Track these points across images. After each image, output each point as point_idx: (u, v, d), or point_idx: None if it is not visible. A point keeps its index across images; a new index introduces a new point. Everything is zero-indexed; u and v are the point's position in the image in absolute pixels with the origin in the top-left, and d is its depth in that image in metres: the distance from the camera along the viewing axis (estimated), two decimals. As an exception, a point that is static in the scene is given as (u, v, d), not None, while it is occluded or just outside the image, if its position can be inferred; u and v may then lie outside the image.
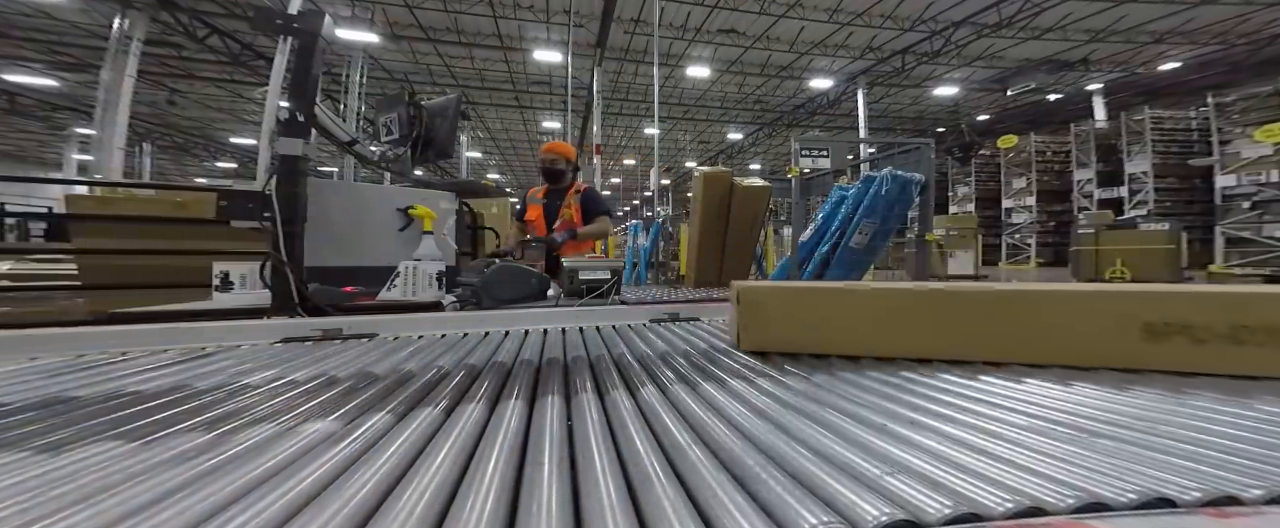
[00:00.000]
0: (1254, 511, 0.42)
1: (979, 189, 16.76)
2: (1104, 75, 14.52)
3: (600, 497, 0.45)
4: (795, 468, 0.51)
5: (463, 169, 18.57)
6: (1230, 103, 9.87)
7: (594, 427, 0.63)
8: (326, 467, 0.51)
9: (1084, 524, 0.38)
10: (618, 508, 0.43)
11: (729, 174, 4.14)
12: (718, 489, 0.46)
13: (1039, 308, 0.95)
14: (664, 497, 0.44)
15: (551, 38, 12.66)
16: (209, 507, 0.42)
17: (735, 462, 0.53)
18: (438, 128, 2.36)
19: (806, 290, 1.12)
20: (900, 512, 0.41)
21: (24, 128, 17.43)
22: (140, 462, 0.53)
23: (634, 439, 0.59)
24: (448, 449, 0.56)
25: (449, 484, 0.48)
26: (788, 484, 0.46)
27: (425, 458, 0.54)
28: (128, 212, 3.02)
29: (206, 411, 0.72)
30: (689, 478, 0.49)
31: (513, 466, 0.52)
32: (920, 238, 3.45)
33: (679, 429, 0.62)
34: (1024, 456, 0.53)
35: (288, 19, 1.76)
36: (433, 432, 0.63)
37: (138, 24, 8.95)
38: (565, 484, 0.48)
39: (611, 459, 0.54)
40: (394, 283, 1.85)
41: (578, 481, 0.49)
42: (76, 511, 0.41)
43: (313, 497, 0.45)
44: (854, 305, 1.04)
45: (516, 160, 26.19)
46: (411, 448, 0.57)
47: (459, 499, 0.45)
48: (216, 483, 0.47)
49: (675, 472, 0.51)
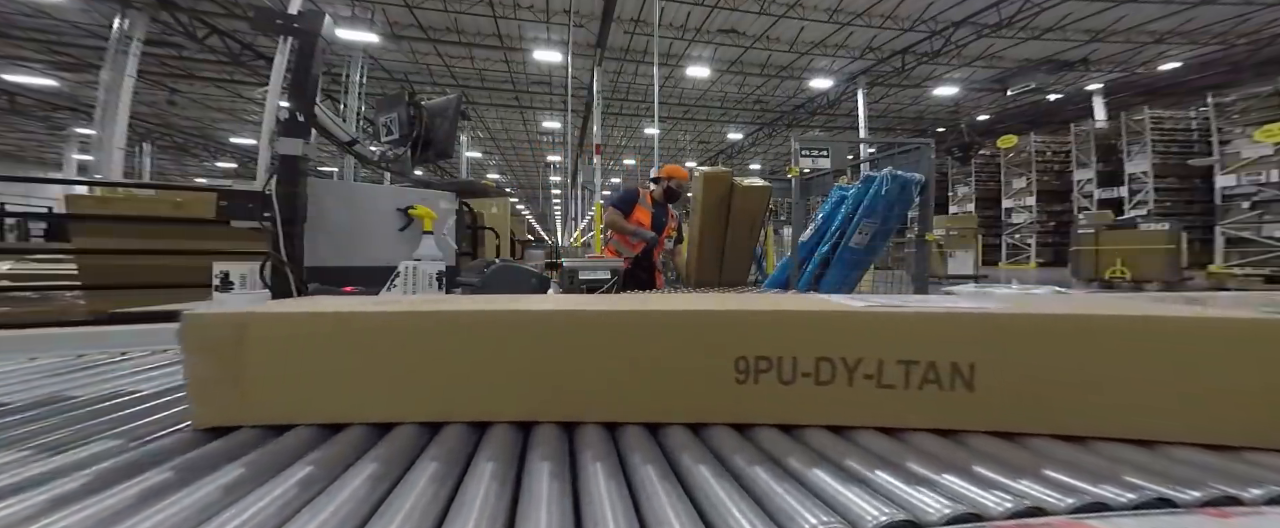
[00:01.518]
0: (1254, 511, 0.42)
1: (979, 189, 16.76)
2: (1104, 75, 14.52)
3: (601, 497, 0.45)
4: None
5: (463, 169, 18.56)
6: (1230, 103, 9.87)
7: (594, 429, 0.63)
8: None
9: (1084, 524, 0.38)
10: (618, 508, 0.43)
11: (729, 174, 4.13)
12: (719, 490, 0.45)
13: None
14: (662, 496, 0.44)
15: (551, 38, 12.66)
16: (209, 506, 0.42)
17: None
18: (438, 128, 2.36)
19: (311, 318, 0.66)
20: (901, 513, 0.41)
21: (24, 128, 17.42)
22: (140, 462, 0.52)
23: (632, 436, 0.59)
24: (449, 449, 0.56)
25: (448, 484, 0.48)
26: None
27: (425, 458, 0.54)
28: (128, 212, 3.01)
29: (206, 410, 0.71)
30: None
31: (514, 464, 0.52)
32: (920, 238, 3.45)
33: (677, 429, 0.62)
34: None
35: (288, 19, 1.76)
36: (433, 430, 0.63)
37: (138, 24, 8.95)
38: (565, 484, 0.48)
39: (612, 462, 0.54)
40: (394, 283, 1.85)
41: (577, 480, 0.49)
42: (76, 511, 0.41)
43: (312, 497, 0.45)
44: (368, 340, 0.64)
45: (516, 160, 26.18)
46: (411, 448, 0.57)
47: (459, 496, 0.45)
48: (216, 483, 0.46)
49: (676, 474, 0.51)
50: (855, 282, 3.59)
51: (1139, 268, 8.85)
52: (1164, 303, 0.80)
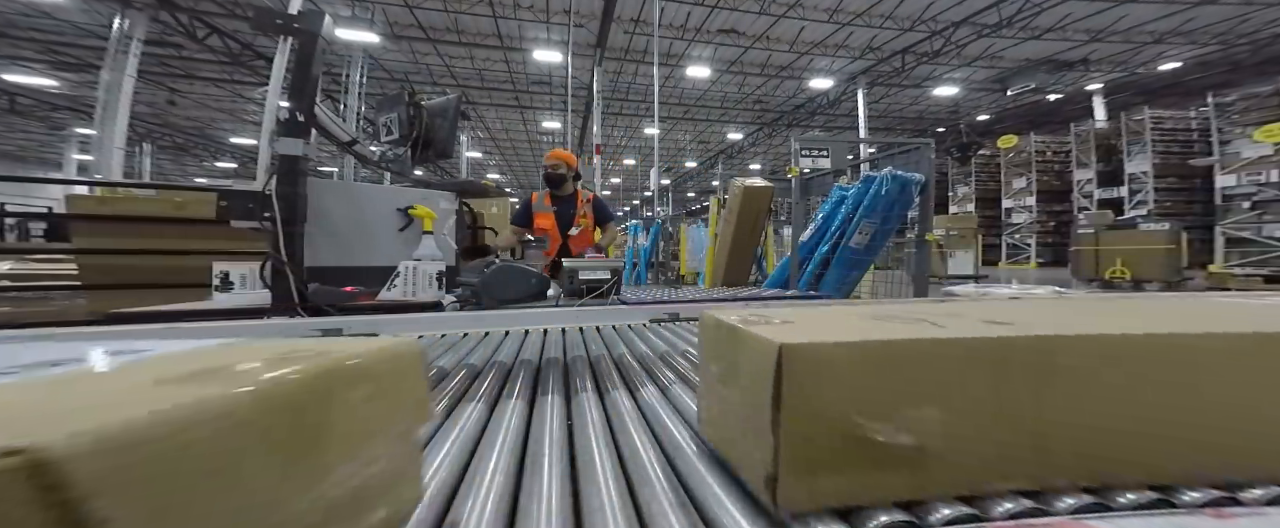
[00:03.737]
0: (1254, 511, 0.41)
1: (979, 189, 16.76)
2: (1104, 75, 14.53)
3: (601, 497, 0.45)
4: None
5: (463, 169, 18.57)
6: (1230, 103, 9.87)
7: (594, 427, 0.63)
8: (326, 467, 0.51)
9: (1084, 524, 0.38)
10: (617, 508, 0.43)
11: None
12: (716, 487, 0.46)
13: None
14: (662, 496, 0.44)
15: (551, 38, 12.66)
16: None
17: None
18: (438, 128, 2.37)
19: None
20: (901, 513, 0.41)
21: (24, 128, 17.43)
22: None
23: (634, 439, 0.59)
24: (448, 449, 0.56)
25: (449, 485, 0.48)
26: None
27: (425, 458, 0.54)
28: (128, 212, 3.02)
29: (206, 410, 0.71)
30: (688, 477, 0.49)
31: (514, 464, 0.52)
32: (920, 238, 3.45)
33: (677, 428, 0.62)
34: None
35: (288, 19, 1.76)
36: (432, 431, 0.63)
37: (138, 24, 8.96)
38: (566, 483, 0.48)
39: (612, 458, 0.54)
40: (394, 283, 1.85)
41: (578, 480, 0.49)
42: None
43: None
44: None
45: (516, 160, 26.20)
46: (411, 448, 0.57)
47: (459, 499, 0.45)
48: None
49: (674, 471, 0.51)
50: (855, 282, 3.60)
51: (1139, 268, 8.86)
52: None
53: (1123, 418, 0.43)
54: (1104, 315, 0.54)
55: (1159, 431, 0.43)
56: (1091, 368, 0.43)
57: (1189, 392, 0.43)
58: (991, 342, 0.42)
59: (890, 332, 0.43)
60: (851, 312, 0.60)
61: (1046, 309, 0.61)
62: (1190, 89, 13.93)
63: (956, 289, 3.78)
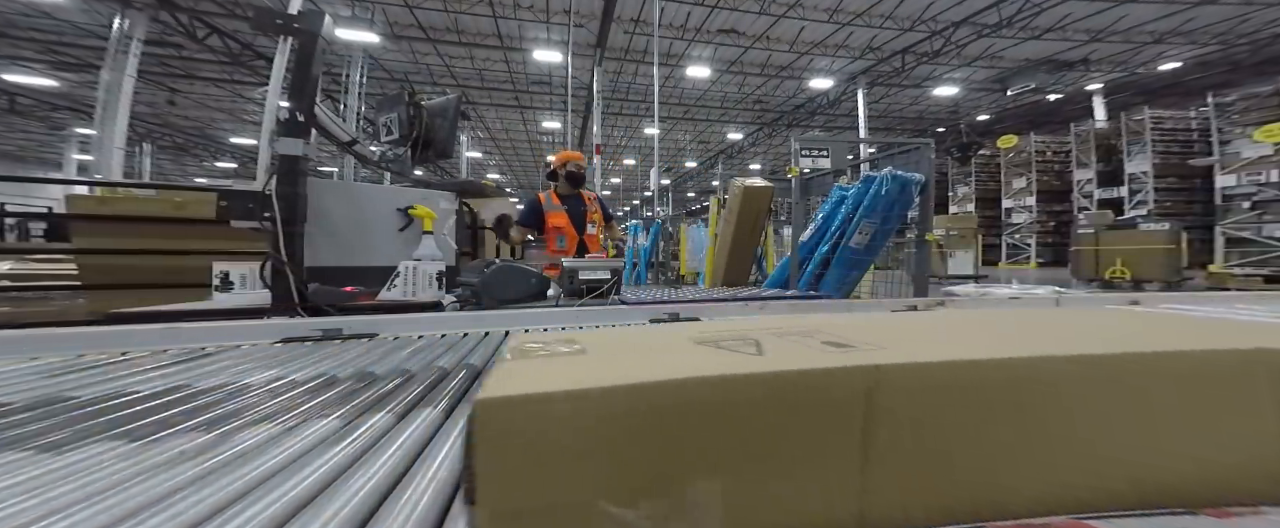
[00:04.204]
0: (1254, 511, 0.41)
1: (979, 189, 16.76)
2: (1104, 75, 14.52)
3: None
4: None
5: (463, 169, 18.57)
6: (1230, 103, 9.87)
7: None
8: (327, 467, 0.51)
9: (1084, 524, 0.38)
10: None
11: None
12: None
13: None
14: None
15: (551, 38, 12.66)
16: (209, 507, 0.42)
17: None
18: (438, 128, 2.37)
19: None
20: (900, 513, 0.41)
21: (24, 128, 17.42)
22: (140, 462, 0.52)
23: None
24: (448, 450, 0.56)
25: (449, 485, 0.48)
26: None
27: (425, 459, 0.54)
28: (128, 212, 3.01)
29: (206, 411, 0.72)
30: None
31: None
32: (920, 238, 3.44)
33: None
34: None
35: (288, 19, 1.76)
36: (433, 432, 0.63)
37: (138, 24, 8.96)
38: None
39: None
40: (394, 283, 1.85)
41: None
42: (76, 511, 0.41)
43: (313, 497, 0.45)
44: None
45: (516, 160, 26.19)
46: (412, 448, 0.57)
47: (459, 501, 0.45)
48: (216, 483, 0.46)
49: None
50: (855, 282, 3.59)
51: (1139, 268, 8.85)
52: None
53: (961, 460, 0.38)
54: (960, 334, 0.51)
55: (1010, 469, 0.38)
56: (935, 403, 0.38)
57: (1038, 423, 0.39)
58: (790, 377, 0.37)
59: (676, 367, 0.34)
60: (679, 333, 0.54)
61: (902, 329, 0.56)
62: (1190, 89, 13.93)
63: (956, 289, 3.78)
